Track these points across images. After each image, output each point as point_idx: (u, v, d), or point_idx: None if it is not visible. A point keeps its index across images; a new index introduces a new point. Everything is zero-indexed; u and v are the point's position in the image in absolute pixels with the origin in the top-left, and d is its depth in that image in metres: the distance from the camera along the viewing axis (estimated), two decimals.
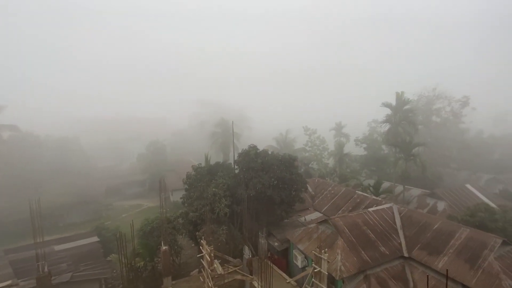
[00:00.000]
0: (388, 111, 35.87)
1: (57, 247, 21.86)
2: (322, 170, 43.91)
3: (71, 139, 53.97)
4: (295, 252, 20.66)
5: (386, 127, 36.90)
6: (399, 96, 35.16)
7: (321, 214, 26.56)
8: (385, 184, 34.85)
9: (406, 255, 18.00)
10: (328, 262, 14.97)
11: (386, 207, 22.00)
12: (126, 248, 16.68)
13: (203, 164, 27.91)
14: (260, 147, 26.90)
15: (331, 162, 45.46)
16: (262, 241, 20.37)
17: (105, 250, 23.13)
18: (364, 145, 46.27)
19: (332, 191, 29.60)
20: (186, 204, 23.23)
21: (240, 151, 25.40)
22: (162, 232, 18.80)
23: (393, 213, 21.42)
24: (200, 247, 18.40)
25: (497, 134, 54.22)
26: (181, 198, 24.41)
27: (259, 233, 21.49)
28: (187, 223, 21.96)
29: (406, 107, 34.86)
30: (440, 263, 16.12)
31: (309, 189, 29.88)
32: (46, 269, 14.51)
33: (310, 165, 44.57)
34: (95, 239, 24.05)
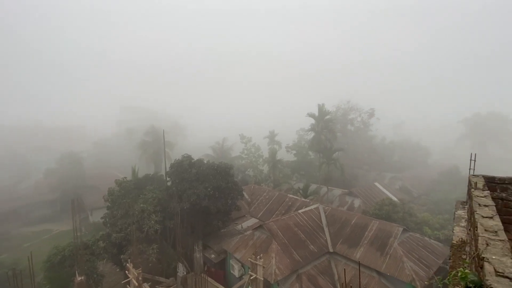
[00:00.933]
0: (312, 120, 39.79)
1: None
2: (257, 176, 45.28)
3: None
4: (232, 262, 20.48)
5: (311, 135, 40.82)
6: (321, 108, 39.52)
7: (257, 220, 27.17)
8: (312, 187, 38.22)
9: (331, 250, 19.93)
10: (263, 267, 15.32)
11: (314, 208, 24.04)
12: (28, 285, 13.57)
13: (130, 178, 25.31)
14: (197, 156, 26.06)
15: (265, 168, 47.40)
16: (198, 255, 19.53)
17: None
18: (294, 152, 50.00)
19: (267, 196, 30.75)
20: (108, 225, 20.49)
21: (173, 161, 24.07)
22: (76, 261, 16.05)
23: (319, 212, 23.54)
24: (126, 271, 16.42)
25: (396, 140, 66.30)
26: (102, 218, 21.44)
27: (195, 247, 20.56)
28: (109, 246, 19.31)
29: (327, 117, 39.37)
30: (358, 254, 18.42)
31: (246, 196, 30.34)
32: None
33: (246, 172, 45.45)
34: None
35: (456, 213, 5.48)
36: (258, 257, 15.57)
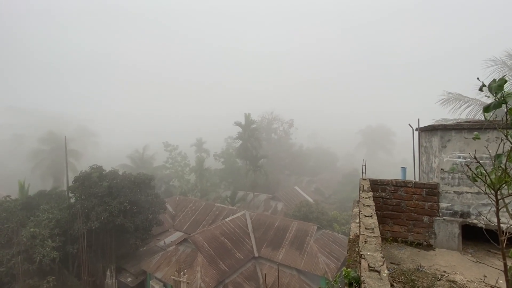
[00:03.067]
0: (240, 129, 40.91)
1: None
2: (183, 186, 43.18)
3: None
4: (152, 283, 18.63)
5: (238, 143, 41.83)
6: (247, 117, 41.11)
7: (182, 233, 25.74)
8: (240, 194, 39.01)
9: (256, 255, 20.55)
10: (187, 283, 14.54)
11: (240, 215, 24.44)
12: None
13: (15, 196, 20.20)
14: (109, 167, 22.92)
15: (192, 178, 45.68)
16: (110, 281, 16.99)
17: None
18: (222, 159, 50.07)
19: (193, 207, 29.59)
20: None
21: (79, 174, 20.51)
22: None
23: (246, 219, 24.07)
24: None
25: (311, 147, 74.64)
26: None
27: (106, 273, 17.82)
28: None
29: (253, 126, 41.21)
30: (280, 255, 19.58)
31: (169, 208, 28.43)
32: None
33: (171, 183, 42.73)
34: None
35: (353, 210, 6.45)
36: (182, 273, 14.70)
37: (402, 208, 5.02)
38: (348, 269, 1.94)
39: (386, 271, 1.72)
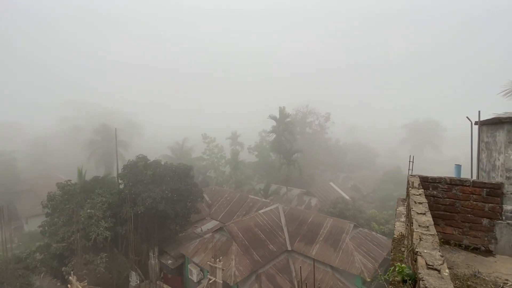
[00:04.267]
0: (274, 122, 40.79)
1: None
2: (219, 177, 44.71)
3: None
4: (190, 266, 19.82)
5: (272, 137, 41.81)
6: (282, 110, 40.74)
7: (217, 222, 26.78)
8: (273, 187, 39.14)
9: (289, 248, 20.58)
10: (222, 270, 15.14)
11: (274, 208, 24.58)
12: None
13: (75, 180, 22.87)
14: (153, 157, 24.67)
15: (227, 170, 47.03)
16: (153, 261, 18.46)
17: None
18: (256, 153, 50.62)
19: (228, 198, 30.54)
20: (47, 234, 18.18)
21: (127, 162, 22.43)
22: (6, 277, 13.92)
23: (279, 212, 24.15)
24: (69, 285, 14.78)
25: (349, 142, 71.50)
26: (40, 226, 18.96)
27: (150, 254, 19.38)
28: (48, 258, 17.17)
29: (287, 120, 40.76)
30: (314, 251, 19.32)
31: (206, 198, 29.70)
32: None
33: (207, 174, 44.54)
34: None
35: (397, 209, 6.06)
36: (218, 259, 15.35)
37: (456, 209, 4.57)
38: (403, 265, 1.83)
39: (447, 270, 1.58)
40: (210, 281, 14.95)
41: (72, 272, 14.43)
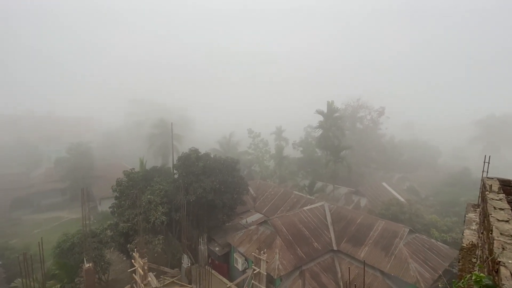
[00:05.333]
0: (321, 117, 39.41)
1: None
2: (263, 172, 45.36)
3: None
4: (235, 255, 20.68)
5: (319, 132, 40.47)
6: (330, 105, 39.04)
7: (262, 215, 27.30)
8: (318, 184, 38.10)
9: (335, 248, 19.89)
10: (266, 262, 15.43)
11: (319, 205, 23.97)
12: (36, 270, 14.00)
13: (137, 169, 25.68)
14: (203, 150, 26.23)
15: (271, 164, 47.37)
16: (202, 247, 19.77)
17: (9, 275, 19.05)
18: (301, 148, 49.76)
19: (272, 192, 30.81)
20: (116, 214, 20.90)
21: (180, 154, 24.28)
22: (85, 248, 16.49)
23: (324, 210, 23.46)
24: (132, 260, 16.80)
25: (405, 139, 65.17)
26: (110, 207, 21.88)
27: (200, 240, 20.79)
28: (116, 235, 19.74)
29: (336, 114, 38.91)
30: (362, 253, 18.32)
31: (251, 191, 30.46)
32: None
33: (252, 168, 45.55)
34: None
35: (466, 216, 5.36)
36: (262, 252, 15.68)
37: None
38: (481, 274, 1.62)
39: None
40: (255, 272, 15.38)
41: (135, 249, 16.38)
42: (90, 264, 15.92)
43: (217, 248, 22.24)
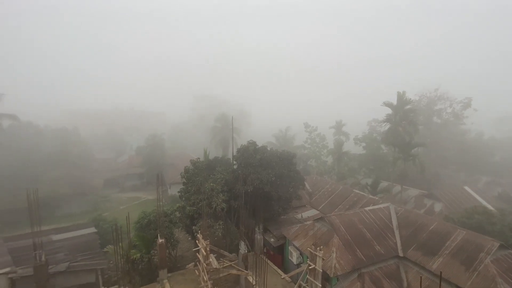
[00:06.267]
0: (388, 110, 35.70)
1: (55, 237, 21.92)
2: (320, 167, 43.93)
3: (71, 130, 53.87)
4: (290, 248, 20.73)
5: (386, 127, 36.74)
6: (401, 96, 34.91)
7: (317, 212, 26.61)
8: (383, 184, 34.88)
9: (401, 254, 18.06)
10: (323, 259, 15.00)
11: (383, 207, 22.01)
12: (123, 240, 16.66)
13: (202, 159, 27.87)
14: (259, 144, 26.85)
15: (329, 160, 45.42)
16: (258, 236, 20.39)
17: (102, 241, 23.19)
18: (363, 144, 46.21)
19: (330, 189, 29.63)
20: (183, 198, 23.22)
21: (239, 146, 25.37)
22: (159, 225, 18.84)
23: (389, 212, 21.44)
24: (196, 241, 18.46)
25: (498, 137, 54.15)
26: (178, 192, 24.40)
27: (256, 229, 21.51)
28: (184, 217, 21.98)
29: (407, 107, 34.65)
30: (435, 264, 16.17)
31: (307, 186, 29.92)
32: (43, 258, 14.53)
33: (308, 163, 44.58)
34: (92, 230, 24.10)
35: None
36: (318, 248, 15.29)
37: None
38: None
39: None
40: (310, 267, 15.14)
41: (199, 231, 17.96)
42: (163, 240, 18.14)
43: (272, 239, 22.67)
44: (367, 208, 21.68)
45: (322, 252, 15.02)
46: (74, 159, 43.06)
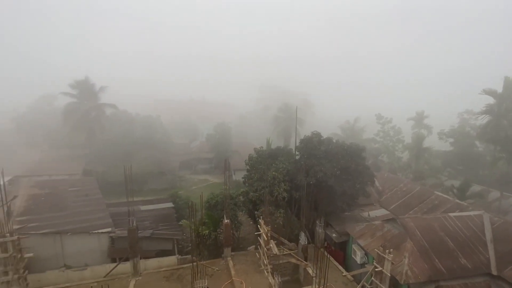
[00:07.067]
0: (490, 99, 29.19)
1: (142, 207, 26.11)
2: (393, 164, 39.59)
3: (155, 118, 62.20)
4: (354, 246, 19.62)
5: (484, 119, 30.25)
6: (509, 82, 28.01)
7: (387, 212, 24.29)
8: (475, 188, 29.24)
9: (494, 273, 15.10)
10: (392, 263, 13.75)
11: (474, 215, 18.57)
12: (196, 216, 18.61)
13: (264, 148, 28.51)
14: (324, 135, 25.78)
15: (405, 156, 40.41)
16: (319, 230, 19.91)
17: (178, 215, 26.46)
18: (451, 140, 39.35)
19: (404, 189, 26.57)
20: (247, 184, 24.33)
21: (301, 137, 24.91)
22: (225, 207, 20.31)
23: (482, 222, 17.98)
24: (258, 225, 19.24)
25: None
26: (242, 178, 25.66)
27: (317, 222, 21.05)
28: (247, 202, 23.10)
29: None
30: None
31: (376, 183, 27.51)
32: (134, 224, 17.50)
33: (379, 158, 40.72)
34: (170, 204, 27.72)
35: None
36: (387, 251, 14.02)
37: None
38: None
39: None
40: (376, 269, 14.06)
41: (261, 216, 18.65)
42: (228, 221, 19.54)
43: (334, 235, 21.87)
44: (451, 214, 18.66)
45: (392, 255, 13.74)
46: (157, 143, 49.81)
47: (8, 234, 14.37)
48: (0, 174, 13.97)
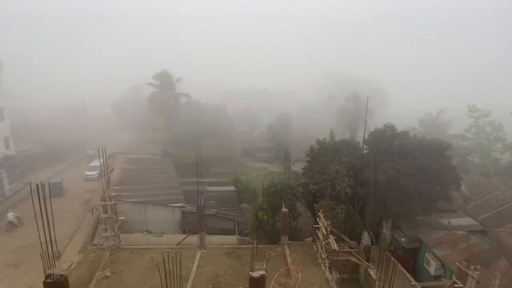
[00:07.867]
0: None
1: (209, 188, 28.50)
2: (488, 166, 33.02)
3: (221, 107, 66.15)
4: (428, 255, 17.42)
5: None
6: None
7: (475, 222, 20.65)
8: None
9: None
10: (477, 282, 11.74)
11: None
12: (255, 201, 19.34)
13: (327, 139, 27.31)
14: (398, 128, 23.11)
15: (505, 158, 33.11)
16: (386, 232, 18.25)
17: (238, 199, 27.97)
18: None
19: (501, 197, 22.07)
20: (306, 176, 23.90)
21: (371, 130, 22.87)
22: (284, 196, 20.47)
23: None
24: (317, 218, 18.82)
25: None
26: (302, 169, 25.28)
27: (383, 223, 19.32)
28: (306, 193, 22.76)
29: None
30: None
31: (463, 187, 23.53)
32: (202, 202, 19.27)
33: (468, 157, 34.51)
34: (232, 188, 29.51)
35: None
36: (473, 267, 12.00)
37: None
38: None
39: None
40: (456, 285, 12.22)
41: (320, 210, 18.15)
42: (286, 210, 19.68)
43: (403, 239, 19.83)
44: None
45: (478, 273, 11.70)
46: (222, 130, 53.09)
47: (108, 199, 17.67)
48: (103, 151, 17.08)
